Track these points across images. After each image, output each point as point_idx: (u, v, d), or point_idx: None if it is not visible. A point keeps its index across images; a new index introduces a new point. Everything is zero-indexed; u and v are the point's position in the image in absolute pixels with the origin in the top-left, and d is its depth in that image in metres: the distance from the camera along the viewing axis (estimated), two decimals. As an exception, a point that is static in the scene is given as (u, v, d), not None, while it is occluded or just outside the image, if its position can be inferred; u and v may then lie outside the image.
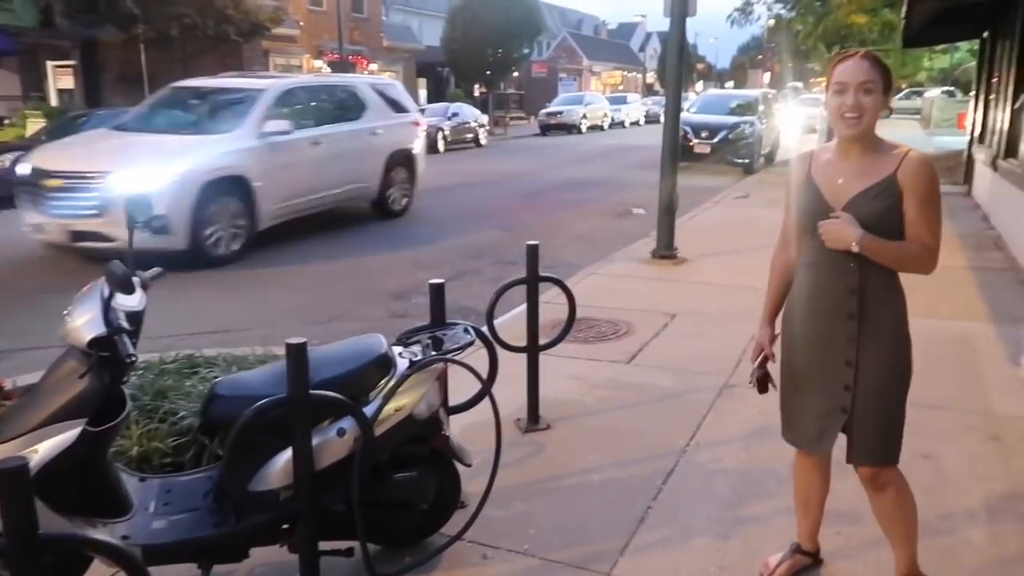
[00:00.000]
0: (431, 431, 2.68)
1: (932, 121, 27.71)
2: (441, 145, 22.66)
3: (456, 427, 3.10)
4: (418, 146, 11.48)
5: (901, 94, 40.51)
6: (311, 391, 2.28)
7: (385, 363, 2.59)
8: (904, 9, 9.26)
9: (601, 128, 33.80)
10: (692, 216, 10.52)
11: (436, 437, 2.70)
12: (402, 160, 10.98)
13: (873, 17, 14.39)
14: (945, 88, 32.65)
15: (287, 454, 2.36)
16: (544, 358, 4.55)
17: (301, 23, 28.02)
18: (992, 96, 11.46)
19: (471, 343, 2.76)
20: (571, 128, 31.01)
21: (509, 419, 3.96)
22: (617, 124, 35.75)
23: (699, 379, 4.54)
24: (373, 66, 31.10)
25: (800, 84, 39.83)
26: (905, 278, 2.30)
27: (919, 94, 37.06)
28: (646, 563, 2.81)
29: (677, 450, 3.65)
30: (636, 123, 38.66)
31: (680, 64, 7.44)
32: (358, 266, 8.09)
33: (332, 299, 6.77)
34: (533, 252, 3.77)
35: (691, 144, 16.23)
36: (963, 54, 33.89)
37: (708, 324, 5.65)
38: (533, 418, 3.91)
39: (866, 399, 2.27)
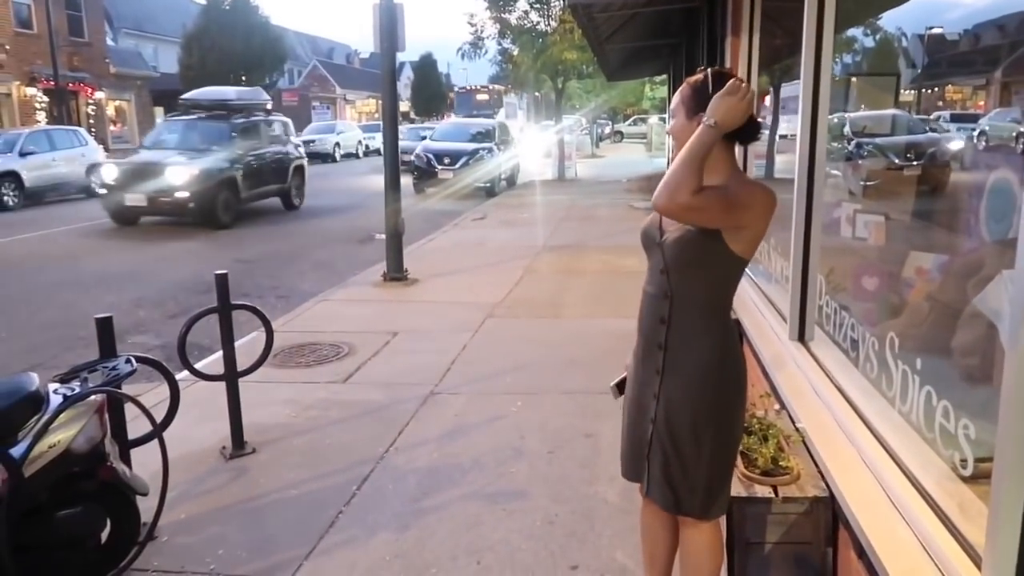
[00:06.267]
0: (95, 464, 2.69)
1: (652, 144, 31.29)
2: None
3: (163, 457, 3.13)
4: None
5: (629, 121, 45.04)
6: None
7: (35, 400, 2.56)
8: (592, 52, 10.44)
9: (356, 156, 33.88)
10: (431, 238, 11.00)
11: (101, 470, 2.71)
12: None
13: (583, 54, 16.00)
14: (662, 116, 36.74)
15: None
16: (257, 385, 4.67)
17: (7, 47, 25.08)
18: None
19: (131, 373, 2.81)
20: (325, 157, 30.75)
21: (216, 448, 4.01)
22: (372, 152, 36.01)
23: (407, 390, 4.84)
24: (99, 94, 28.63)
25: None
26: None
27: (644, 120, 41.38)
28: (328, 564, 3.00)
29: (376, 457, 3.90)
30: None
31: (394, 95, 7.84)
32: (70, 308, 7.50)
33: (35, 346, 6.25)
34: (223, 281, 3.86)
35: (435, 170, 17.03)
36: (676, 85, 38.21)
37: (425, 339, 6.01)
38: (238, 444, 3.97)
39: (658, 435, 2.16)
